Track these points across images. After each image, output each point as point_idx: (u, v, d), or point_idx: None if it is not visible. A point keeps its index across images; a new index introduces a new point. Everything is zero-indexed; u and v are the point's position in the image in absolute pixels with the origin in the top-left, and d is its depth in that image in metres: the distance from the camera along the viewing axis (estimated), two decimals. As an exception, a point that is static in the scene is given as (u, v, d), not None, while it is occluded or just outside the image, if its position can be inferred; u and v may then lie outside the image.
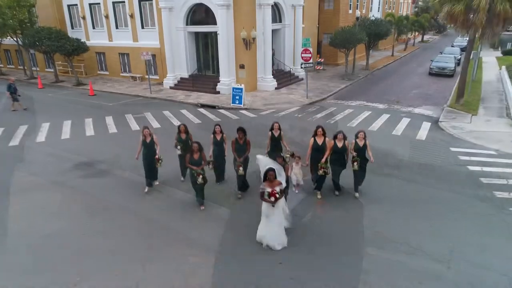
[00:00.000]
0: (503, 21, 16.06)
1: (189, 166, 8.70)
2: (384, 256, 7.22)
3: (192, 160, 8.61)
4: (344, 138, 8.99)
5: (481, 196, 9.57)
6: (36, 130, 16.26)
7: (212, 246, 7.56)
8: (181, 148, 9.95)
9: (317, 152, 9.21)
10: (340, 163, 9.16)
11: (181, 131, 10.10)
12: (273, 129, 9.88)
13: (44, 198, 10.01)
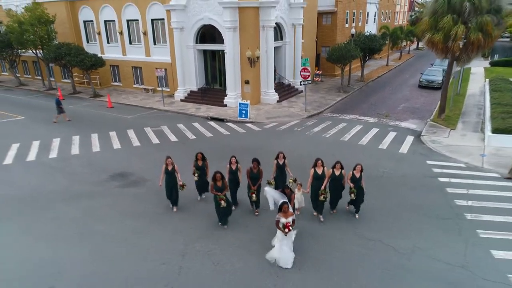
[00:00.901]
0: (476, 48, 18.39)
1: (214, 192, 10.14)
2: (361, 250, 9.53)
3: (216, 187, 10.11)
4: (342, 167, 10.54)
5: (444, 203, 11.89)
6: (68, 142, 18.59)
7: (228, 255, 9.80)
8: (198, 175, 11.62)
9: (317, 180, 10.56)
10: (338, 188, 10.72)
11: (198, 159, 11.71)
12: (278, 158, 11.42)
13: (92, 204, 12.33)
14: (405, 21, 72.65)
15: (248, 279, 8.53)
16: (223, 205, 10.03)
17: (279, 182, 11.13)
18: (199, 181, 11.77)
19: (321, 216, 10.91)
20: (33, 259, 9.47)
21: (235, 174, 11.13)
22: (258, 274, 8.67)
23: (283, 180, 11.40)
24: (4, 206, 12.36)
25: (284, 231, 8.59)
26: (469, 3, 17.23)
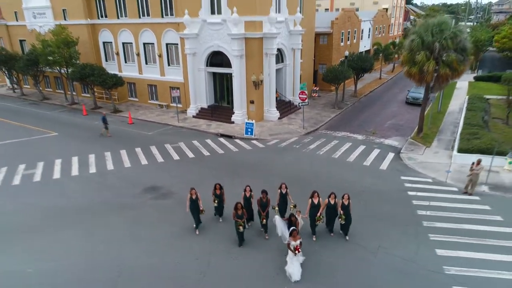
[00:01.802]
0: (445, 79, 21.81)
1: (235, 219, 12.65)
2: (343, 251, 12.93)
3: (237, 215, 12.86)
4: (335, 197, 13.25)
5: (408, 213, 15.30)
6: (102, 158, 22.05)
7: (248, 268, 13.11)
8: (217, 202, 14.40)
9: (314, 209, 13.02)
10: (333, 214, 13.29)
11: (216, 188, 14.40)
12: (281, 188, 13.91)
13: (134, 213, 15.76)
14: (400, 31, 75.99)
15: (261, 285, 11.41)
16: (241, 230, 12.83)
17: (282, 207, 13.92)
18: (218, 206, 14.54)
19: (314, 236, 13.56)
20: (98, 256, 12.89)
21: (248, 200, 13.70)
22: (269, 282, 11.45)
23: (285, 205, 14.06)
24: (65, 215, 15.78)
25: (294, 252, 11.29)
26: (439, 44, 20.64)
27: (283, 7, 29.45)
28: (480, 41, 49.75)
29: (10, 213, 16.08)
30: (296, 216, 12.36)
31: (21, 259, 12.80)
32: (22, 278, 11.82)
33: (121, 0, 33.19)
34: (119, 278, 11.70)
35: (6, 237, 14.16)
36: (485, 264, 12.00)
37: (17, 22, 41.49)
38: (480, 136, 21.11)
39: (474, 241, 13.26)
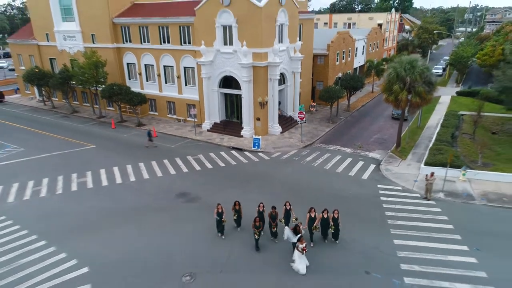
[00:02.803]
0: (417, 106, 26.85)
1: (253, 229, 16.72)
2: (327, 244, 17.91)
3: (255, 226, 17.26)
4: (327, 212, 17.61)
5: (378, 214, 20.29)
6: (137, 168, 27.17)
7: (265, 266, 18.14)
8: (236, 216, 18.73)
9: (311, 221, 17.09)
10: (326, 226, 17.33)
11: (236, 205, 18.75)
12: (286, 205, 18.02)
13: (173, 213, 20.85)
14: (394, 43, 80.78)
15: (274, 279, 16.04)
16: (257, 237, 17.26)
17: (286, 220, 18.29)
18: (237, 219, 18.99)
19: (312, 243, 17.84)
20: (151, 247, 17.92)
21: (262, 214, 17.84)
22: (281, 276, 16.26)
23: (289, 218, 18.26)
24: (117, 215, 20.85)
25: (302, 252, 15.80)
26: (410, 78, 25.69)
27: (285, 38, 34.51)
28: (464, 58, 54.69)
29: (77, 213, 21.19)
30: (299, 226, 16.65)
31: (93, 249, 17.89)
32: (104, 264, 16.91)
33: (144, 28, 38.33)
34: (172, 262, 16.77)
35: (78, 232, 19.25)
36: (427, 250, 17.02)
37: (48, 43, 46.66)
38: (444, 152, 26.08)
39: (422, 234, 18.29)
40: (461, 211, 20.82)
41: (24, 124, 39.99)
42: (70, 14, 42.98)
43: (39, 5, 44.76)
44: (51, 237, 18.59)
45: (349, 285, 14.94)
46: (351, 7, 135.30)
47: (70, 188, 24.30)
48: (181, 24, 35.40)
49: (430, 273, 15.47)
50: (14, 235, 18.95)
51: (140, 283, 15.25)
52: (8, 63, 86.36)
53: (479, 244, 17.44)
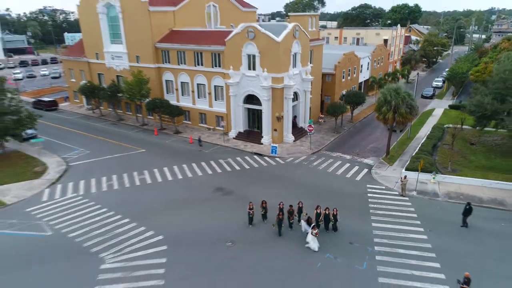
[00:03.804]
0: (401, 123, 34.12)
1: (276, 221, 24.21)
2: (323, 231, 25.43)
3: (278, 219, 24.20)
4: (328, 209, 24.75)
5: (364, 206, 27.64)
6: (182, 169, 35.16)
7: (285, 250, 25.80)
8: (264, 212, 25.89)
9: (317, 216, 25.04)
10: (327, 219, 24.91)
11: (263, 203, 25.95)
12: (299, 204, 26.11)
13: (215, 203, 28.68)
14: (400, 55, 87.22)
15: (291, 264, 24.13)
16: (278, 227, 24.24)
17: (299, 215, 25.24)
18: (264, 214, 26.12)
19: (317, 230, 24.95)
20: (202, 224, 25.75)
21: (282, 210, 24.94)
22: (298, 256, 24.38)
23: (300, 213, 25.10)
24: (174, 203, 28.76)
25: (314, 236, 22.78)
26: (394, 102, 32.98)
27: (298, 63, 42.07)
28: (459, 74, 61.22)
29: (144, 201, 29.21)
30: (311, 219, 23.94)
31: (163, 224, 25.81)
32: (171, 236, 24.82)
33: (182, 53, 46.41)
34: (217, 234, 24.58)
35: (149, 214, 27.22)
36: (394, 230, 24.40)
37: (97, 60, 55.28)
38: (421, 159, 33.24)
39: (393, 220, 25.66)
40: (426, 205, 28.11)
41: (81, 130, 48.57)
42: (118, 37, 51.46)
43: (92, 30, 53.37)
44: (132, 216, 26.64)
45: (338, 250, 22.48)
46: (363, 17, 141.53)
47: (134, 183, 32.44)
48: (213, 51, 43.33)
49: (393, 244, 22.92)
50: (105, 215, 27.06)
51: (200, 245, 23.12)
52: (49, 71, 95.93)
53: (432, 227, 24.77)
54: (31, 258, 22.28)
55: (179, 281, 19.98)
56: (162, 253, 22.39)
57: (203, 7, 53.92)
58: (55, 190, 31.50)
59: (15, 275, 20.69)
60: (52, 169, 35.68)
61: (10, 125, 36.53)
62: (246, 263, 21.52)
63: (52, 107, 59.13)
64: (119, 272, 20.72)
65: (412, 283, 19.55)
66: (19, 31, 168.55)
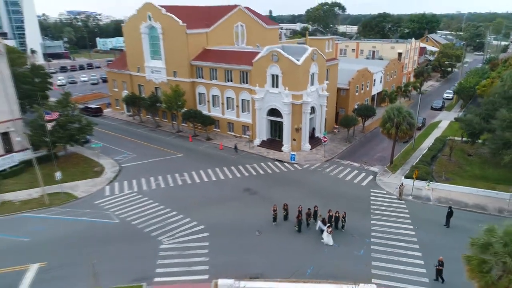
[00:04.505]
0: (402, 137, 39.85)
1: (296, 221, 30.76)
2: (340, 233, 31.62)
3: (298, 220, 30.56)
4: (338, 212, 30.63)
5: (367, 207, 33.64)
6: (216, 172, 41.93)
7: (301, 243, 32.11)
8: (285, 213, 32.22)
9: (329, 218, 30.83)
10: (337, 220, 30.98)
11: (284, 205, 32.06)
12: (315, 208, 32.03)
13: (245, 200, 35.29)
14: (415, 66, 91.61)
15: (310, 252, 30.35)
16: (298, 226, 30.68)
17: (315, 216, 31.53)
18: (286, 215, 32.40)
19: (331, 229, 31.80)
20: (235, 217, 32.37)
21: (301, 212, 31.40)
22: (316, 250, 30.58)
23: (316, 215, 31.21)
24: (211, 200, 35.50)
25: (329, 233, 28.82)
26: (396, 120, 38.76)
27: (315, 81, 48.27)
28: (466, 88, 65.88)
29: (187, 198, 36.07)
30: (325, 220, 30.15)
31: (204, 217, 32.54)
32: (209, 227, 31.56)
33: (214, 70, 53.30)
34: (247, 225, 31.14)
35: (193, 208, 34.00)
36: (388, 227, 30.36)
37: (138, 73, 62.88)
38: (420, 169, 38.92)
39: (388, 219, 31.61)
40: (419, 208, 33.92)
41: (125, 135, 56.16)
42: (158, 54, 58.85)
43: (135, 47, 60.96)
44: (178, 209, 33.54)
45: (342, 241, 28.66)
46: (382, 25, 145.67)
47: (177, 183, 39.45)
48: (241, 70, 50.03)
49: (386, 237, 28.96)
50: (157, 208, 34.06)
51: (233, 233, 29.76)
52: (88, 77, 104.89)
53: (420, 226, 30.62)
54: (107, 239, 29.45)
55: (218, 257, 26.67)
56: (205, 238, 29.17)
57: (231, 27, 60.84)
58: (114, 187, 38.84)
59: (98, 249, 27.80)
60: (108, 169, 43.14)
61: (75, 132, 44.15)
62: (270, 248, 28.02)
63: (98, 113, 67.09)
64: (175, 251, 27.59)
65: (398, 266, 25.63)
66: (55, 36, 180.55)
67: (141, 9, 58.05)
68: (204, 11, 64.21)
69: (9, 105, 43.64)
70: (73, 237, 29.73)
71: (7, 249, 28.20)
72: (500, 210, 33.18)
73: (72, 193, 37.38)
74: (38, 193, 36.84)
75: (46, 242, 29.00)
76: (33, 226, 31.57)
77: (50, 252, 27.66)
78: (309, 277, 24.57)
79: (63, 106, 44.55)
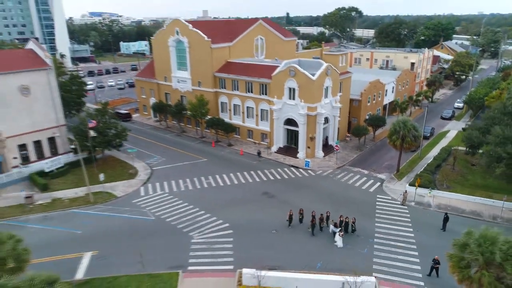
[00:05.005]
0: (408, 148, 43.68)
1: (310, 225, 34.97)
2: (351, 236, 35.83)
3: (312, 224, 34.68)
4: (348, 217, 34.60)
5: (372, 211, 37.77)
6: (237, 176, 46.62)
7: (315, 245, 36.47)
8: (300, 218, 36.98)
9: (340, 223, 34.81)
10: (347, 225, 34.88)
11: (300, 210, 36.38)
12: (326, 213, 36.04)
13: (264, 202, 39.85)
14: (428, 75, 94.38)
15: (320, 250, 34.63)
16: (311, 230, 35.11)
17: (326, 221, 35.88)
18: (301, 219, 36.76)
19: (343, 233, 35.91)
20: (254, 217, 36.94)
21: (314, 217, 35.44)
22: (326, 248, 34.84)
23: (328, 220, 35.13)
24: (233, 202, 40.14)
25: (341, 236, 32.92)
26: (402, 132, 42.60)
27: (329, 94, 52.43)
28: (476, 99, 68.78)
29: (213, 199, 40.81)
30: (337, 224, 34.53)
31: (228, 216, 37.21)
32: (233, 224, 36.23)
33: (235, 81, 58.05)
34: (265, 225, 35.67)
35: (218, 208, 38.72)
36: (390, 229, 34.38)
37: (165, 82, 68.22)
38: (423, 177, 42.66)
39: (391, 222, 35.62)
40: (420, 213, 37.79)
41: (153, 139, 61.49)
42: (184, 66, 64.01)
43: (163, 58, 66.28)
44: (205, 209, 38.31)
45: (348, 240, 32.86)
46: (398, 32, 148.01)
47: (203, 185, 44.32)
48: (261, 82, 54.62)
49: (388, 238, 33.04)
50: (187, 207, 38.93)
51: (254, 231, 34.33)
52: (115, 82, 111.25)
53: (419, 229, 34.55)
54: (146, 233, 34.43)
55: (242, 250, 31.27)
56: (230, 235, 33.85)
57: (252, 40, 65.54)
58: (148, 188, 43.99)
59: (139, 241, 32.79)
60: (141, 172, 48.38)
61: (112, 138, 49.55)
62: (286, 245, 32.48)
63: (127, 119, 72.75)
64: (204, 245, 32.36)
65: (396, 263, 29.74)
66: (80, 40, 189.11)
67: (170, 24, 63.40)
68: (227, 25, 69.20)
69: (55, 113, 49.37)
70: (117, 231, 34.87)
71: (64, 240, 33.48)
72: (494, 217, 36.75)
73: (112, 192, 42.66)
74: (83, 191, 42.28)
75: (95, 235, 34.19)
76: (82, 220, 36.87)
77: (100, 243, 32.79)
78: (319, 270, 28.88)
79: (102, 114, 50.02)
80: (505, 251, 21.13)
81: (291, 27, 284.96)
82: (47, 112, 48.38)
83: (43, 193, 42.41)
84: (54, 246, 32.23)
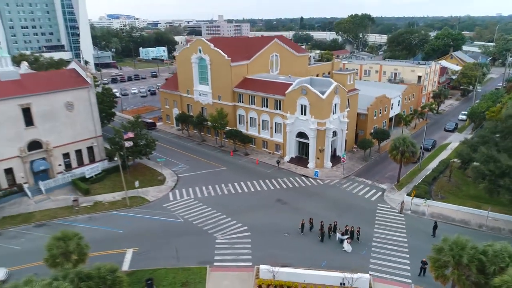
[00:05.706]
0: (407, 161, 48.79)
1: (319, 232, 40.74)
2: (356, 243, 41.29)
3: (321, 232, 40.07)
4: (353, 227, 39.84)
5: (371, 218, 43.08)
6: (253, 184, 52.43)
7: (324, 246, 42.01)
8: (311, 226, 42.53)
9: (346, 231, 40.21)
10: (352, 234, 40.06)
11: (310, 219, 41.83)
12: (334, 223, 41.32)
13: (278, 208, 45.57)
14: (435, 87, 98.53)
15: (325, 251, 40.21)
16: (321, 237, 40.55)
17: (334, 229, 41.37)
18: (311, 227, 42.29)
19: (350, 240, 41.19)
20: (268, 221, 42.63)
21: (323, 226, 40.84)
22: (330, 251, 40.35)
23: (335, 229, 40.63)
24: (251, 208, 45.93)
25: (348, 243, 38.31)
26: (401, 148, 47.76)
27: (337, 110, 57.85)
28: (477, 113, 73.08)
29: (233, 204, 46.66)
30: (344, 232, 40.06)
31: (247, 220, 43.03)
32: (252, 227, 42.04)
33: (252, 96, 63.94)
34: (278, 228, 41.35)
35: (238, 213, 44.57)
36: (387, 234, 39.67)
37: (188, 95, 74.56)
38: (420, 188, 47.71)
39: (388, 228, 40.91)
40: (414, 220, 42.97)
41: (177, 147, 67.82)
42: (205, 80, 70.23)
43: (186, 73, 72.66)
44: (226, 213, 44.21)
45: (351, 244, 38.30)
46: (409, 41, 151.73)
47: (224, 192, 50.29)
48: (276, 98, 60.38)
49: (384, 242, 38.39)
50: (210, 212, 44.91)
51: (269, 233, 40.06)
52: (138, 89, 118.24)
53: (412, 234, 39.78)
54: (176, 233, 40.53)
55: (259, 249, 37.05)
56: (248, 236, 39.71)
57: (268, 57, 71.41)
58: (176, 193, 50.18)
59: (171, 240, 38.89)
60: (169, 178, 54.64)
61: (142, 148, 55.94)
62: (297, 246, 38.17)
63: (152, 127, 79.29)
64: (226, 244, 38.29)
65: (389, 263, 35.14)
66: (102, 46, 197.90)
67: (193, 43, 69.80)
68: (244, 41, 75.25)
69: (94, 125, 56.08)
70: (152, 231, 41.08)
71: (109, 238, 39.82)
72: (480, 225, 41.71)
73: (145, 197, 48.99)
74: (120, 196, 48.73)
75: (135, 234, 40.45)
76: (122, 221, 43.22)
77: (139, 241, 39.00)
78: (323, 268, 34.48)
79: (134, 126, 56.48)
80: (472, 254, 26.39)
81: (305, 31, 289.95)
82: (87, 124, 55.08)
83: (85, 196, 48.98)
84: (101, 243, 38.45)
